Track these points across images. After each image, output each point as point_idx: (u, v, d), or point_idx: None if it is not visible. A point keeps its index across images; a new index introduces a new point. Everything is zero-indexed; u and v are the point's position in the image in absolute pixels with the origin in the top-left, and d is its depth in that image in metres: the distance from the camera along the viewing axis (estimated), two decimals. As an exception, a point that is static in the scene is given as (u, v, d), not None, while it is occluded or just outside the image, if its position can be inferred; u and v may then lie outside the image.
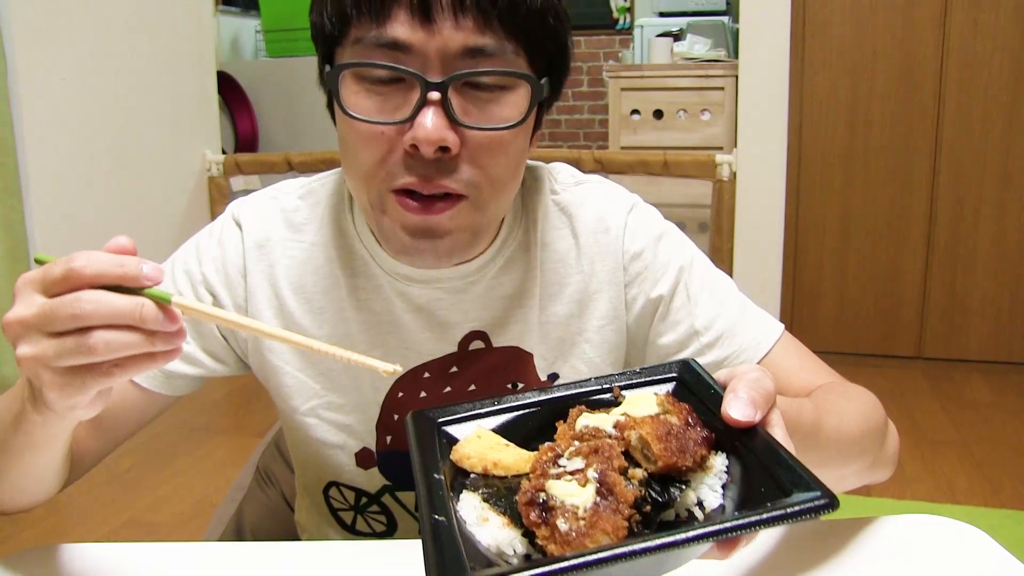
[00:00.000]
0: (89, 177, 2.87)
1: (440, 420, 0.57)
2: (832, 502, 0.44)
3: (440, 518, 0.46)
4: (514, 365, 0.83)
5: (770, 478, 0.47)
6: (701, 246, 0.87)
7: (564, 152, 3.19)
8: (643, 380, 0.58)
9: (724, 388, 0.53)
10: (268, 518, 1.07)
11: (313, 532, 0.94)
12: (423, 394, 0.83)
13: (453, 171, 0.68)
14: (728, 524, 0.44)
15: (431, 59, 0.65)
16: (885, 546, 0.74)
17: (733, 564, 0.72)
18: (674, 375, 0.58)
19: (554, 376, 0.85)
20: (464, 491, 0.51)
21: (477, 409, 0.58)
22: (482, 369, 0.83)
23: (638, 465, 0.50)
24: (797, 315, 3.22)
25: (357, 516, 0.90)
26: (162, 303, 0.53)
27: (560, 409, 0.56)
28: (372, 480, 0.87)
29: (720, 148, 3.30)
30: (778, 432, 0.52)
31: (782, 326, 0.84)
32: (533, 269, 0.83)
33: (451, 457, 0.53)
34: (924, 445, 2.50)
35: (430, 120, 0.65)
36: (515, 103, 0.69)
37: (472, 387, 0.83)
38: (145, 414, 0.85)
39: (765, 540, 0.75)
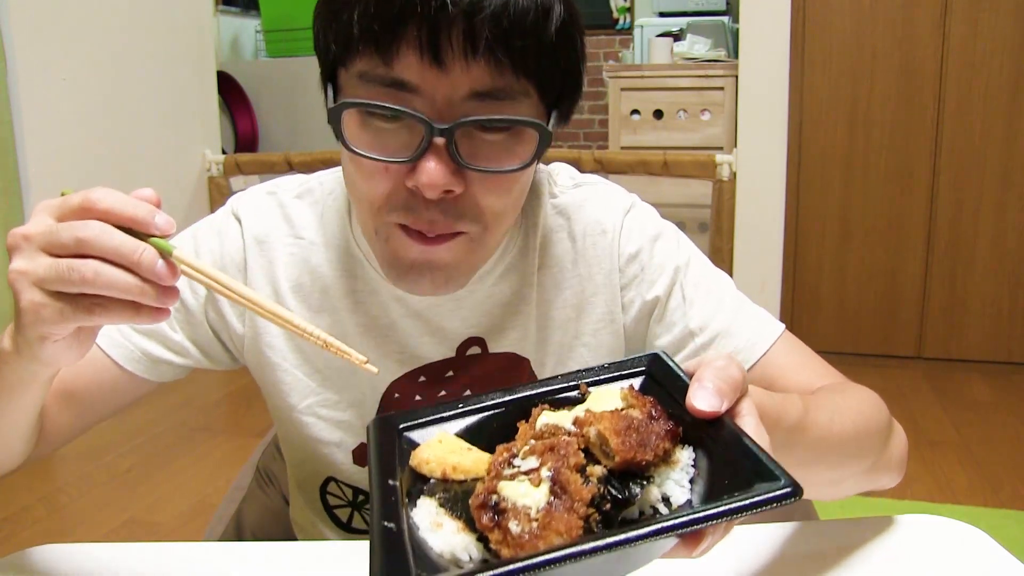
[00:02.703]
0: (89, 177, 2.86)
1: (402, 426, 0.55)
2: (796, 490, 0.42)
3: (389, 525, 0.45)
4: (510, 370, 0.83)
5: (735, 470, 0.45)
6: (701, 246, 0.86)
7: (564, 152, 3.18)
8: (611, 375, 0.56)
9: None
10: (268, 518, 1.07)
11: (308, 530, 0.94)
12: (418, 397, 0.83)
13: (456, 210, 0.67)
14: (679, 519, 0.42)
15: (438, 102, 0.63)
16: (885, 546, 0.74)
17: (731, 565, 0.72)
18: (642, 368, 0.56)
19: None
20: (422, 496, 0.49)
21: (440, 412, 0.55)
22: (478, 374, 0.83)
23: (598, 462, 0.47)
24: (797, 315, 3.22)
25: (354, 513, 0.90)
26: (164, 254, 0.54)
27: (525, 409, 0.54)
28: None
29: (720, 148, 3.30)
30: (749, 422, 0.50)
31: (782, 326, 0.83)
32: (531, 275, 0.82)
33: (410, 463, 0.51)
34: (924, 445, 2.50)
35: (434, 165, 0.63)
36: (523, 146, 0.67)
37: (467, 392, 0.83)
38: (123, 397, 0.83)
39: (764, 540, 0.75)
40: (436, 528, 0.47)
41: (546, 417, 0.52)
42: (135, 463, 2.44)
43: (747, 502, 0.42)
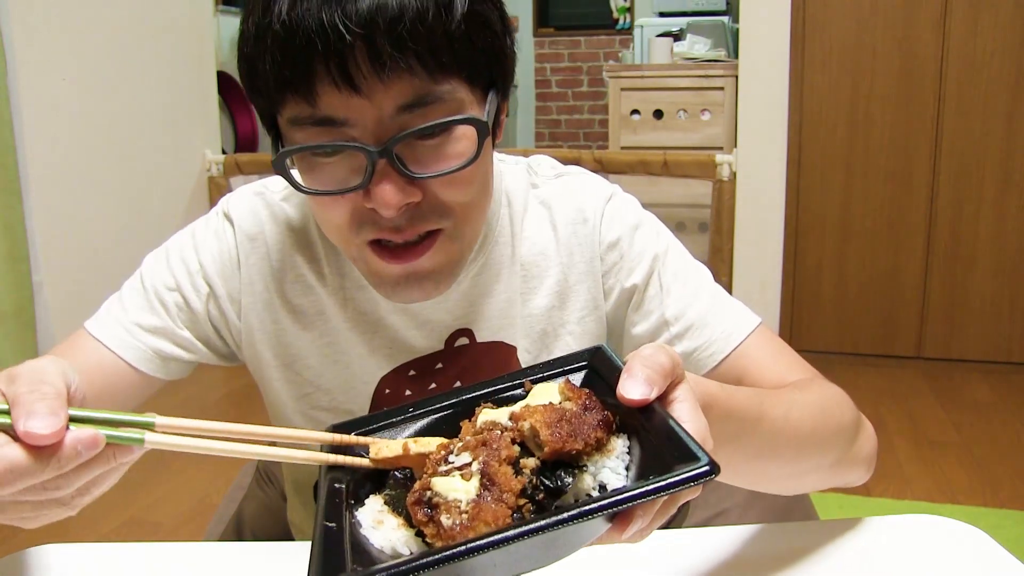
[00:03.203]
0: (89, 177, 2.87)
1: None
2: (713, 468, 0.43)
3: (331, 524, 0.47)
4: (499, 359, 0.84)
5: (661, 453, 0.46)
6: (701, 246, 0.87)
7: (564, 152, 3.18)
8: (555, 371, 0.57)
9: None
10: (268, 517, 1.08)
11: (305, 531, 0.95)
12: (408, 391, 0.84)
13: (420, 213, 0.68)
14: (592, 504, 0.43)
15: (369, 126, 0.64)
16: (885, 546, 0.74)
17: (731, 565, 0.72)
18: (584, 363, 0.57)
19: None
20: (370, 496, 0.52)
21: (392, 417, 0.58)
22: (467, 365, 0.84)
23: (533, 455, 0.49)
24: (797, 315, 3.22)
25: None
26: (134, 445, 0.50)
27: (473, 409, 0.55)
28: None
29: (720, 148, 3.30)
30: (684, 407, 0.50)
31: (758, 319, 0.83)
32: (515, 264, 0.83)
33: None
34: (924, 445, 2.50)
35: (384, 187, 0.65)
36: (464, 142, 0.67)
37: (457, 383, 0.84)
38: (139, 395, 0.85)
39: (764, 540, 0.75)
40: (377, 525, 0.49)
41: (486, 415, 0.53)
42: (135, 463, 2.44)
43: (664, 483, 0.43)
